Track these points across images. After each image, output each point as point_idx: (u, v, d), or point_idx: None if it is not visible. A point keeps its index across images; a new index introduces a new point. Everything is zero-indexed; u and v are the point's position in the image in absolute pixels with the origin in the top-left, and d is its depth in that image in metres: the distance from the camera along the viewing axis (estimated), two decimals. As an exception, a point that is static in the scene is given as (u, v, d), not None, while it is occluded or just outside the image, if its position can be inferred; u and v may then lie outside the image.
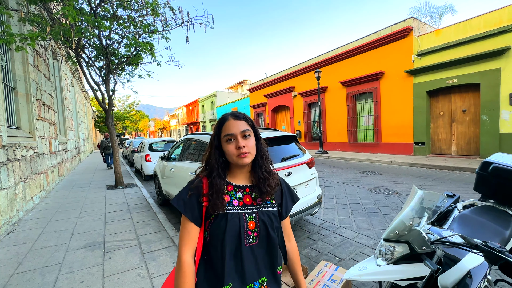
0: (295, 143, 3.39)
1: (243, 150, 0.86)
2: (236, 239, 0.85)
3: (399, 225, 1.31)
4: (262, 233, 0.89)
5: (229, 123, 0.90)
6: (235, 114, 0.93)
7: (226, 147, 0.89)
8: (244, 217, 0.89)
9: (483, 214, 1.67)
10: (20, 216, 4.26)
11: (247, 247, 0.87)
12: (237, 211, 0.89)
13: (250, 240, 0.87)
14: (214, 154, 0.92)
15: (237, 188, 0.93)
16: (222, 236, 0.85)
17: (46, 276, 2.44)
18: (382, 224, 3.61)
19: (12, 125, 4.84)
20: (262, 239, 0.89)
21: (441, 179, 6.22)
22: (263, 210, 0.92)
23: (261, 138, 0.97)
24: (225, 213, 0.87)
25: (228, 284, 0.84)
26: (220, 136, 0.91)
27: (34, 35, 3.90)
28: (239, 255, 0.85)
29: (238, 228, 0.86)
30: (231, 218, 0.87)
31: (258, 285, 0.88)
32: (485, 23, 7.94)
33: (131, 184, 7.01)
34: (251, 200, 0.93)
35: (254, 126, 0.94)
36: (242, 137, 0.88)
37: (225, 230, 0.85)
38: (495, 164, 1.73)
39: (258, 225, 0.89)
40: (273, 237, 0.90)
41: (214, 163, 0.91)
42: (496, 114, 7.69)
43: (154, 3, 5.39)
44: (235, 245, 0.86)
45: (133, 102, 30.39)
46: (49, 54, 7.53)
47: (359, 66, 11.78)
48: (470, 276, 1.17)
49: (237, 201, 0.91)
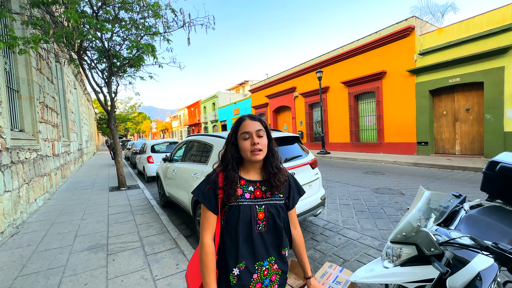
0: (297, 143, 3.37)
1: (256, 147, 1.00)
2: (247, 226, 1.00)
3: (406, 227, 1.29)
4: (270, 222, 1.03)
5: (246, 122, 1.04)
6: (252, 116, 1.07)
7: (242, 143, 1.02)
8: (255, 208, 1.02)
9: (491, 214, 1.65)
10: (24, 218, 4.28)
11: (257, 233, 1.01)
12: (248, 203, 1.02)
13: (260, 228, 1.01)
14: (231, 150, 1.05)
15: (249, 183, 1.06)
16: (235, 224, 0.99)
17: (50, 279, 2.44)
18: (386, 224, 3.58)
19: (15, 127, 4.87)
20: (270, 227, 1.03)
21: (445, 178, 6.17)
22: (271, 203, 1.05)
23: (273, 138, 1.09)
24: (238, 205, 1.01)
25: (241, 262, 0.99)
26: (237, 134, 1.05)
27: (37, 38, 3.91)
28: (250, 240, 1.00)
29: (249, 218, 1.00)
30: (243, 209, 1.00)
31: (267, 263, 1.02)
32: (488, 22, 7.88)
33: (133, 185, 7.02)
34: (261, 193, 1.06)
35: (267, 127, 1.07)
36: (256, 136, 1.01)
37: (238, 219, 0.99)
38: (502, 164, 1.71)
39: (267, 215, 1.02)
40: (279, 225, 1.04)
41: (230, 157, 1.05)
42: (500, 113, 7.62)
43: (156, 5, 5.40)
44: (246, 231, 1.00)
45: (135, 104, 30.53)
46: (51, 57, 7.58)
47: (361, 66, 11.73)
48: (480, 278, 1.15)
49: (249, 194, 1.04)
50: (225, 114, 26.65)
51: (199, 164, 3.44)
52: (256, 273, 1.00)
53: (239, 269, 0.98)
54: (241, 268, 0.98)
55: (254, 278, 0.99)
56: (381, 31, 10.87)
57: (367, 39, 11.41)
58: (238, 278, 0.98)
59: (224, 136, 3.16)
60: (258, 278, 1.00)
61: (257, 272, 1.00)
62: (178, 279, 2.36)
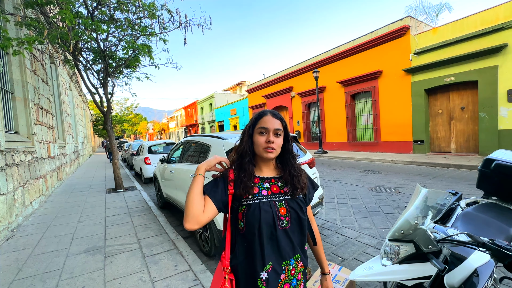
0: (295, 143, 3.38)
1: (270, 145, 0.95)
2: (270, 224, 0.94)
3: (404, 224, 1.30)
4: (293, 217, 0.98)
5: (267, 118, 0.99)
6: (274, 113, 1.01)
7: (257, 137, 0.98)
8: (275, 205, 0.97)
9: (487, 211, 1.66)
10: (19, 221, 4.23)
11: (281, 230, 0.95)
12: (267, 200, 0.97)
13: (284, 224, 0.96)
14: (247, 142, 1.01)
15: (263, 180, 1.02)
16: (258, 224, 0.93)
17: (47, 282, 2.41)
18: (384, 223, 3.60)
19: (10, 130, 4.81)
20: (294, 222, 0.98)
21: (441, 177, 6.23)
22: (291, 198, 1.01)
23: (290, 140, 1.06)
24: (257, 203, 0.96)
25: (268, 263, 0.93)
26: (255, 127, 1.00)
27: (31, 39, 3.87)
28: (275, 238, 0.95)
29: (272, 215, 0.95)
30: (263, 207, 0.95)
31: (293, 261, 0.98)
32: (481, 21, 7.98)
33: (131, 187, 6.97)
34: (278, 189, 1.01)
35: (286, 128, 1.02)
36: (273, 134, 0.97)
37: (260, 218, 0.93)
38: (497, 161, 1.73)
39: (289, 210, 0.98)
40: (303, 218, 1.00)
41: (247, 149, 1.00)
42: (495, 111, 7.72)
43: (151, 5, 5.37)
44: (270, 230, 0.94)
45: (132, 105, 30.29)
46: (46, 58, 7.49)
47: (357, 65, 11.80)
48: (477, 274, 1.16)
49: (266, 191, 0.99)
50: (222, 114, 26.61)
51: (197, 164, 3.42)
52: (283, 273, 0.95)
53: (266, 272, 0.93)
54: (269, 270, 0.93)
55: (282, 278, 0.95)
56: (376, 31, 10.95)
57: (363, 39, 11.48)
58: (267, 282, 0.92)
59: (222, 137, 3.15)
60: (286, 279, 0.96)
61: (284, 272, 0.95)
62: (177, 280, 2.35)
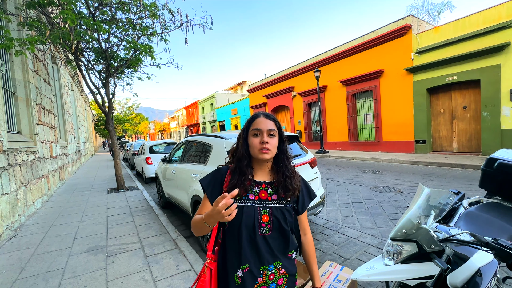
0: (296, 143, 3.37)
1: (265, 146, 0.96)
2: (250, 229, 0.95)
3: (406, 224, 1.29)
4: (275, 225, 0.98)
5: (259, 120, 1.00)
6: (266, 114, 1.03)
7: (252, 140, 0.99)
8: (259, 211, 0.97)
9: (489, 211, 1.65)
10: (22, 221, 4.25)
11: (260, 236, 0.96)
12: (252, 205, 0.98)
13: (264, 231, 0.96)
14: (243, 145, 1.02)
15: (255, 183, 1.01)
16: (238, 226, 0.95)
17: (49, 281, 2.43)
18: (385, 222, 3.59)
19: (12, 130, 4.83)
20: (275, 231, 0.98)
21: (443, 176, 6.20)
22: (277, 206, 1.00)
23: (286, 141, 1.06)
24: (241, 206, 0.96)
25: (245, 264, 0.95)
26: (249, 130, 1.01)
27: (33, 39, 3.88)
28: (254, 243, 0.95)
29: (253, 220, 0.95)
30: (246, 211, 0.96)
31: (272, 267, 0.97)
32: (484, 20, 7.93)
33: (132, 187, 6.99)
34: (267, 195, 1.01)
35: (281, 129, 1.03)
36: (267, 135, 0.98)
37: (240, 221, 0.95)
38: (500, 161, 1.72)
39: (271, 219, 0.97)
40: (285, 229, 0.99)
41: (244, 152, 1.01)
42: (497, 111, 7.67)
43: (153, 5, 5.38)
44: (249, 234, 0.95)
45: (133, 105, 30.40)
46: (48, 58, 7.52)
47: (359, 64, 11.76)
48: (480, 274, 1.16)
49: (253, 195, 1.00)
50: (223, 114, 26.61)
51: (198, 164, 3.43)
52: (261, 277, 0.96)
53: (242, 271, 0.95)
54: (244, 270, 0.95)
55: (259, 281, 0.96)
56: (378, 30, 10.91)
57: (364, 38, 11.44)
58: (242, 279, 0.95)
59: (223, 136, 3.16)
60: (263, 282, 0.97)
61: (261, 276, 0.96)
62: (179, 280, 2.36)
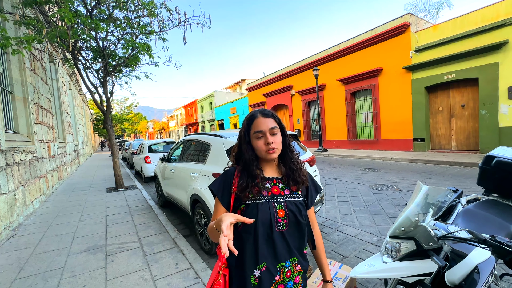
0: (295, 141, 3.37)
1: (271, 146, 0.95)
2: (267, 226, 0.93)
3: (405, 222, 1.30)
4: (291, 220, 0.96)
5: (258, 120, 0.97)
6: (264, 111, 1.00)
7: (256, 143, 0.97)
8: (274, 206, 0.96)
9: (487, 208, 1.66)
10: (21, 221, 4.24)
11: (277, 232, 0.94)
12: (266, 201, 0.96)
13: (281, 227, 0.95)
14: (247, 150, 1.00)
15: (265, 180, 1.00)
16: (254, 223, 0.92)
17: (48, 281, 2.42)
18: (384, 220, 3.61)
19: (10, 129, 4.81)
20: (292, 225, 0.97)
21: (442, 174, 6.23)
22: (291, 200, 0.99)
23: (287, 134, 1.04)
24: (256, 203, 0.95)
25: (262, 263, 0.92)
26: (250, 132, 0.99)
27: (30, 38, 3.85)
28: (271, 240, 0.94)
29: (269, 216, 0.93)
30: (261, 207, 0.94)
31: (289, 263, 0.96)
32: (482, 18, 7.94)
33: (131, 186, 6.98)
34: (279, 190, 1.00)
35: (281, 123, 1.01)
36: (270, 134, 0.96)
37: (257, 219, 0.92)
38: (498, 158, 1.73)
39: (287, 213, 0.96)
40: (302, 222, 0.98)
41: (250, 157, 0.99)
42: (495, 108, 7.70)
43: (151, 4, 5.35)
44: (266, 231, 0.93)
45: (131, 104, 30.26)
46: (45, 57, 7.47)
47: (357, 63, 11.76)
48: (477, 271, 1.17)
49: (266, 192, 0.98)
50: (222, 113, 26.58)
51: (197, 163, 3.43)
52: (278, 275, 0.94)
53: (259, 271, 0.92)
54: (262, 269, 0.93)
55: (276, 280, 0.94)
56: (376, 28, 10.90)
57: (363, 36, 11.43)
58: (259, 279, 0.92)
59: (222, 135, 3.15)
60: (281, 280, 0.95)
61: (279, 273, 0.94)
62: (178, 278, 2.36)
